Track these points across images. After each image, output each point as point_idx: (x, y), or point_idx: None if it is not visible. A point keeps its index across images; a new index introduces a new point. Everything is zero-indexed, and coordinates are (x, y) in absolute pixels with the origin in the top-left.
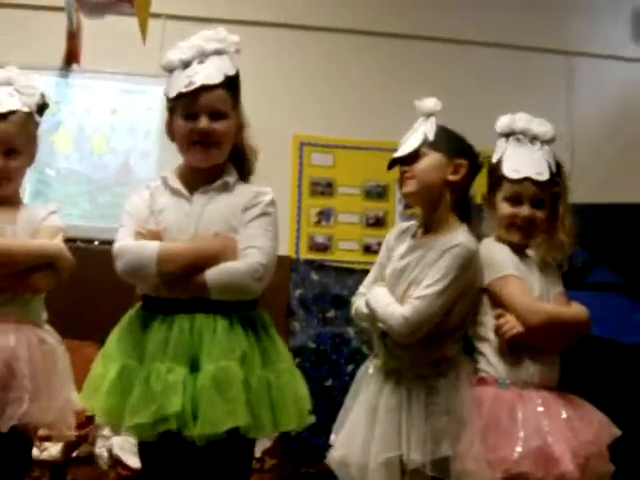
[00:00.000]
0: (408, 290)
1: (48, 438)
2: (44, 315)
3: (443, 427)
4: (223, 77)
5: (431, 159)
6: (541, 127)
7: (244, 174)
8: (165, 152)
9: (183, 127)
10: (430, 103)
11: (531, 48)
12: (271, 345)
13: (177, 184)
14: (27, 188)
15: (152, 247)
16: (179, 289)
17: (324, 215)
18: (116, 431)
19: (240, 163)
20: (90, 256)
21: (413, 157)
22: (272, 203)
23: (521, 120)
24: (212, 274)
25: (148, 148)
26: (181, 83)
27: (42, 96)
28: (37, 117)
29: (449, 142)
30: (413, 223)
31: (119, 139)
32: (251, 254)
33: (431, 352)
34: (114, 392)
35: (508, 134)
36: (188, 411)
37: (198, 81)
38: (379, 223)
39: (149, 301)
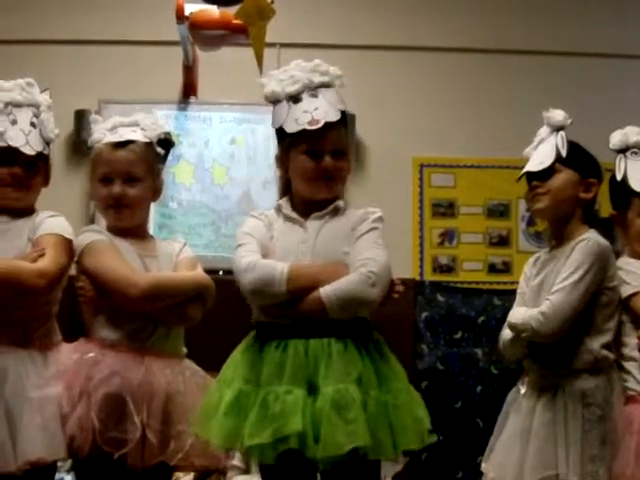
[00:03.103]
0: None
1: (178, 467)
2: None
3: (600, 445)
4: (340, 114)
5: (566, 176)
6: None
7: None
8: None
9: (306, 163)
10: (560, 116)
11: None
12: (386, 366)
13: (291, 212)
14: (151, 221)
15: (283, 264)
16: (296, 310)
17: (447, 236)
18: (246, 462)
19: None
20: (216, 286)
21: (546, 172)
22: (380, 219)
23: (633, 134)
24: (326, 290)
25: (268, 177)
26: (301, 119)
27: (166, 133)
28: (158, 149)
29: (582, 160)
30: (545, 250)
31: (239, 169)
32: (361, 265)
33: (579, 356)
34: (230, 415)
35: (624, 150)
36: (309, 433)
37: (322, 119)
38: (503, 242)
39: (263, 327)
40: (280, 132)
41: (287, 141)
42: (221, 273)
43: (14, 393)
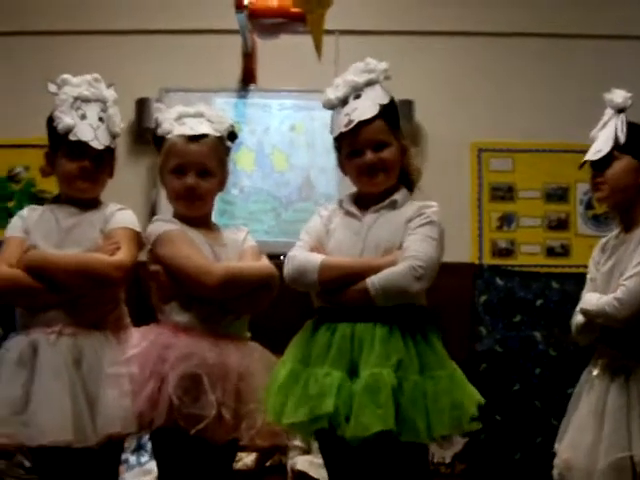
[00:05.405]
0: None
1: (241, 448)
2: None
3: None
4: (378, 108)
5: (623, 164)
6: None
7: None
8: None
9: (351, 164)
10: (620, 97)
11: None
12: (431, 354)
13: (350, 206)
14: None
15: (317, 257)
16: (343, 298)
17: (505, 220)
18: (307, 441)
19: (406, 183)
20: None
21: (605, 160)
22: (436, 213)
23: None
24: (372, 279)
25: (328, 163)
26: (341, 122)
27: (231, 125)
28: (228, 142)
29: None
30: (612, 234)
31: (299, 155)
32: (409, 258)
33: None
34: (281, 393)
35: None
36: (341, 413)
37: (355, 118)
38: (561, 225)
39: (319, 311)
40: (333, 139)
41: (336, 145)
42: (282, 258)
43: (91, 371)
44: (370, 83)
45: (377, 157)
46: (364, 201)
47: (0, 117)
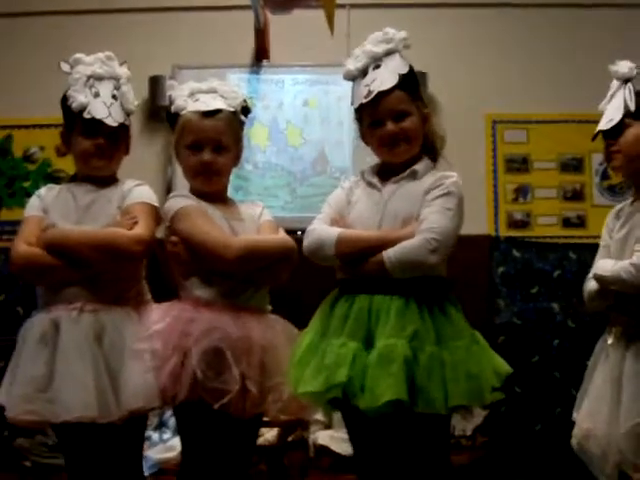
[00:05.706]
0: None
1: (265, 423)
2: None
3: None
4: (397, 78)
5: (636, 130)
6: None
7: (434, 161)
8: (359, 140)
9: (372, 134)
10: (625, 68)
11: None
12: (448, 325)
13: (372, 177)
14: None
15: (334, 230)
16: (361, 270)
17: (521, 191)
18: (328, 415)
19: (429, 152)
20: None
21: (617, 129)
22: (455, 184)
23: None
24: (388, 252)
25: (342, 137)
26: (361, 93)
27: (244, 100)
28: (241, 117)
29: None
30: (627, 202)
31: (313, 130)
32: (424, 231)
33: None
34: (301, 364)
35: None
36: (356, 383)
37: (375, 89)
38: (577, 196)
39: (340, 283)
40: (354, 110)
41: (357, 117)
42: (299, 233)
43: (113, 347)
44: (389, 53)
45: (398, 127)
46: (386, 172)
47: (14, 98)
